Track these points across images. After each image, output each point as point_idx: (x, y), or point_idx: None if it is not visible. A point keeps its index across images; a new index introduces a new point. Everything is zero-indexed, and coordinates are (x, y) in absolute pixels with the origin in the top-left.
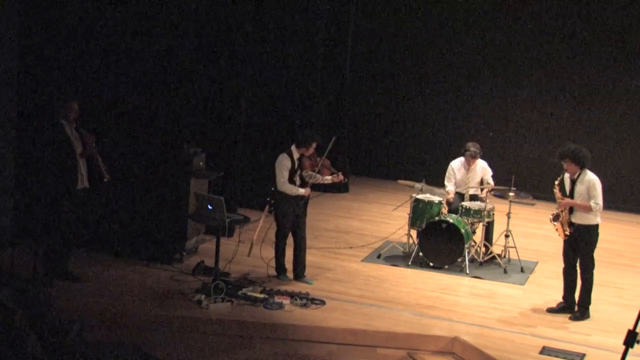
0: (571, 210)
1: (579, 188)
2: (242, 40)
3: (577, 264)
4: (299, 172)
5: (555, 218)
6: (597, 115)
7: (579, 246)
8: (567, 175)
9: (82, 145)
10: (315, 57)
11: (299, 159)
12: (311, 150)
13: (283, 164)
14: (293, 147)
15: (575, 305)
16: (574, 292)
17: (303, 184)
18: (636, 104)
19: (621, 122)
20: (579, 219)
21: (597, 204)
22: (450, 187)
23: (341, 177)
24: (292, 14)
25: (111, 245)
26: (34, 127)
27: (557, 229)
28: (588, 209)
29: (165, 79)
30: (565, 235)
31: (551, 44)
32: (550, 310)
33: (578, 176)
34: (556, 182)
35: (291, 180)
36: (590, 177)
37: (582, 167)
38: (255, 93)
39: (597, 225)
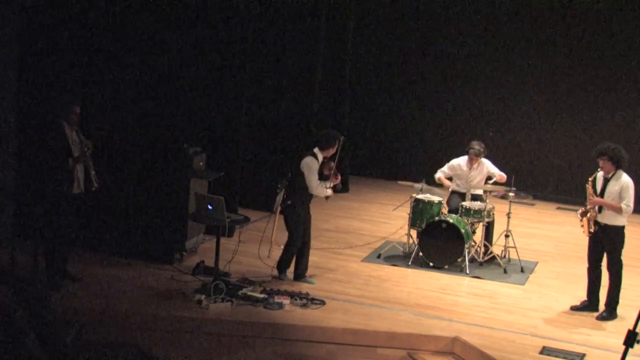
0: (600, 209)
1: (612, 187)
2: (242, 40)
3: (602, 264)
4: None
5: (583, 214)
6: (597, 115)
7: (606, 247)
8: (600, 174)
9: (79, 150)
10: (316, 57)
11: (322, 163)
12: (335, 149)
13: (314, 167)
14: (316, 150)
15: (598, 304)
16: (597, 291)
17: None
18: (636, 104)
19: (621, 122)
20: (607, 219)
21: (628, 205)
22: (439, 175)
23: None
24: (293, 14)
25: (111, 245)
26: (34, 127)
27: (582, 225)
28: (619, 210)
29: (166, 79)
30: (589, 232)
31: (551, 43)
32: (574, 309)
33: (612, 175)
34: (590, 179)
35: None
36: (626, 179)
37: (618, 167)
38: (255, 93)
39: (623, 227)
